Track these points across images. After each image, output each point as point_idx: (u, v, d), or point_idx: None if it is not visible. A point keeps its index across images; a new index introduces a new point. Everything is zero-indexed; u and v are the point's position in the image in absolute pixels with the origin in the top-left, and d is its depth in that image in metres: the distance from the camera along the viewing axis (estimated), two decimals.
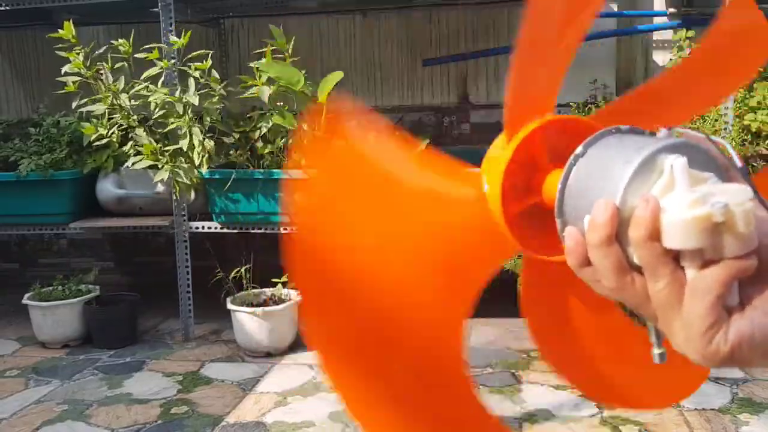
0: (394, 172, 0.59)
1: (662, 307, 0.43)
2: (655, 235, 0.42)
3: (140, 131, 3.34)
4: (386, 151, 0.60)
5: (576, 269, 0.47)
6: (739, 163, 0.44)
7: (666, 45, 3.89)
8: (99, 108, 3.38)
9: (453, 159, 0.59)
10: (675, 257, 0.42)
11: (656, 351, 0.48)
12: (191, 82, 3.29)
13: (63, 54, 3.35)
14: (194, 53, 3.32)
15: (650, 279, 0.43)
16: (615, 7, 3.89)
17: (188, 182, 3.28)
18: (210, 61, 3.31)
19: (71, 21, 3.35)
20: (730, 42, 0.63)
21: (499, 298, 0.71)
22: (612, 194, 0.44)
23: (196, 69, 3.31)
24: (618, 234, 0.43)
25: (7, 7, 3.56)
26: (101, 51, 3.40)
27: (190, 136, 3.24)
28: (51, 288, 3.60)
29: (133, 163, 3.33)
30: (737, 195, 0.40)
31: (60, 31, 3.32)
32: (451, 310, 0.60)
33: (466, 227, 0.57)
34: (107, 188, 3.61)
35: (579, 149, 0.48)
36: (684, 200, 0.41)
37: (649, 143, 0.44)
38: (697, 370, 0.71)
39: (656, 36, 3.91)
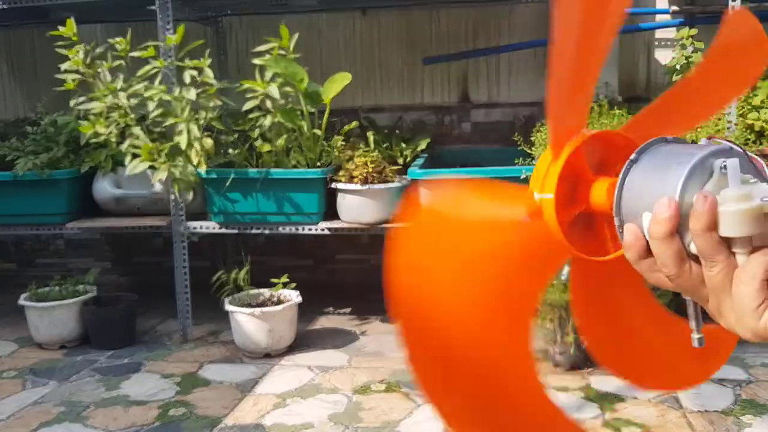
0: (463, 217, 0.68)
1: (716, 290, 0.49)
2: (712, 226, 0.48)
3: (137, 130, 3.31)
4: (456, 200, 0.69)
5: (634, 262, 0.53)
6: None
7: (668, 43, 3.86)
8: (97, 106, 3.35)
9: (503, 182, 0.66)
10: (728, 245, 0.49)
11: (695, 336, 0.56)
12: (187, 76, 3.26)
13: (63, 51, 3.33)
14: (190, 45, 3.30)
15: (707, 265, 0.49)
16: None
17: (186, 180, 3.26)
18: (208, 60, 3.29)
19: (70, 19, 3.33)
20: (731, 53, 0.70)
21: None
22: (670, 193, 0.50)
23: (193, 67, 3.29)
24: (677, 227, 0.50)
25: (5, 6, 3.53)
26: (101, 50, 3.38)
27: (188, 133, 3.21)
28: (48, 288, 3.58)
29: (131, 168, 3.30)
30: None
31: (61, 28, 3.30)
32: (519, 325, 0.68)
33: (523, 242, 0.65)
34: (105, 188, 3.59)
35: (633, 156, 0.55)
36: (736, 195, 0.48)
37: (699, 149, 0.51)
38: (725, 348, 0.79)
39: (659, 34, 3.89)
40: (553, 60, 0.59)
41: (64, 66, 3.36)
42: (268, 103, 3.27)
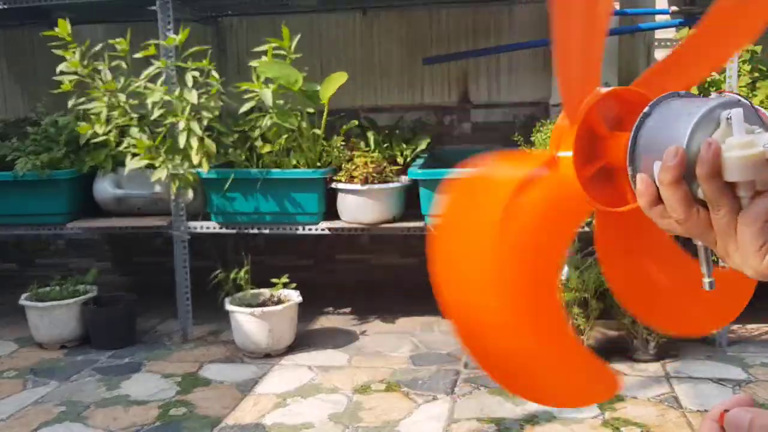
0: (491, 182, 0.72)
1: (722, 233, 0.53)
2: (716, 171, 0.51)
3: (135, 131, 3.31)
4: (484, 172, 0.73)
5: (646, 209, 0.57)
6: None
7: (668, 43, 3.86)
8: (96, 106, 3.36)
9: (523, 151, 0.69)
10: (733, 190, 0.52)
11: (706, 280, 0.60)
12: (189, 78, 3.27)
13: (59, 52, 3.33)
14: (192, 49, 3.30)
15: (713, 209, 0.53)
16: (617, 6, 3.87)
17: (185, 179, 3.26)
18: (211, 64, 3.29)
19: (68, 19, 3.33)
20: (736, 4, 0.71)
21: None
22: (679, 142, 0.53)
23: (194, 68, 3.29)
24: (685, 174, 0.53)
25: (5, 6, 3.54)
26: (97, 48, 3.38)
27: (188, 133, 3.21)
28: (48, 288, 3.58)
29: (130, 164, 3.31)
30: None
31: (56, 29, 3.30)
32: (547, 277, 0.73)
33: (547, 199, 0.68)
34: (105, 188, 3.59)
35: (646, 109, 0.58)
36: (739, 142, 0.51)
37: (707, 101, 0.54)
38: (742, 292, 0.84)
39: (658, 34, 3.89)
40: (556, 23, 0.62)
41: (60, 67, 3.36)
42: (267, 103, 3.27)
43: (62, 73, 3.36)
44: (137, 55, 3.34)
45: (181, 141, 3.22)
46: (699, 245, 0.58)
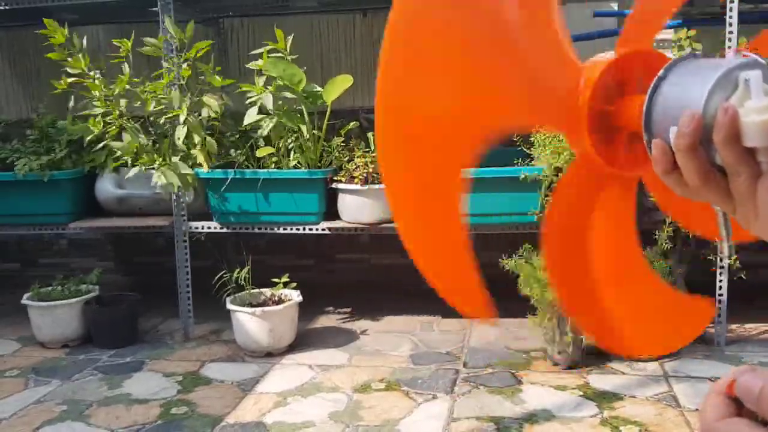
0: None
1: (742, 199, 0.51)
2: (734, 136, 0.49)
3: (127, 136, 3.32)
4: None
5: (662, 175, 0.55)
6: None
7: (666, 44, 3.88)
8: (95, 108, 3.38)
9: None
10: (752, 155, 0.49)
11: (725, 244, 0.58)
12: (186, 70, 3.29)
13: (53, 54, 3.34)
14: (195, 45, 3.31)
15: (732, 174, 0.50)
16: (615, 7, 3.89)
17: (185, 179, 3.27)
18: (211, 66, 3.31)
19: (68, 20, 3.35)
20: None
21: (499, 298, 0.73)
22: (695, 106, 0.51)
23: (198, 67, 3.31)
24: (702, 139, 0.51)
25: (7, 7, 3.55)
26: (87, 49, 3.39)
27: (189, 131, 3.23)
28: (50, 288, 3.60)
29: (130, 168, 3.32)
30: None
31: (56, 29, 3.31)
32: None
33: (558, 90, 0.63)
34: (107, 188, 3.61)
35: (661, 72, 0.56)
36: (758, 106, 0.48)
37: (724, 63, 0.52)
38: (697, 319, 0.79)
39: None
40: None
41: (61, 69, 3.38)
42: (268, 106, 3.28)
43: (66, 74, 3.38)
44: (143, 50, 3.33)
45: (181, 136, 3.23)
46: (717, 210, 0.56)
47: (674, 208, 0.77)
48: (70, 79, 3.36)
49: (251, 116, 3.29)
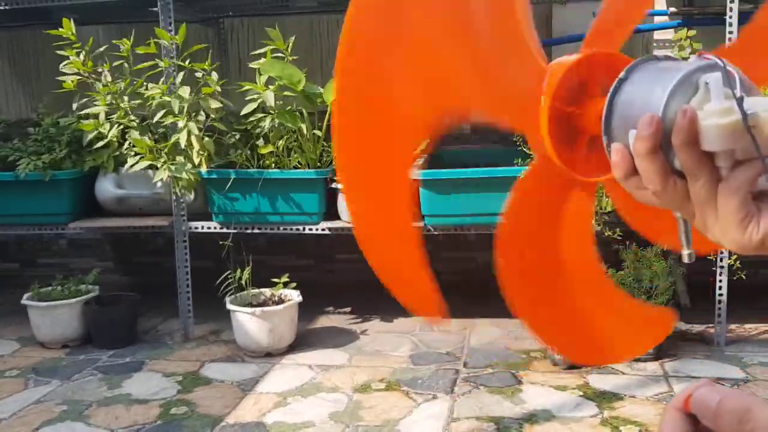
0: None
1: (701, 204, 0.50)
2: (693, 140, 0.48)
3: (135, 133, 3.33)
4: None
5: (622, 180, 0.53)
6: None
7: (667, 44, 3.88)
8: (97, 109, 3.38)
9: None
10: (711, 159, 0.48)
11: (685, 252, 0.56)
12: (184, 74, 3.29)
13: (62, 53, 3.35)
14: (192, 48, 3.32)
15: (691, 179, 0.49)
16: None
17: (187, 178, 3.27)
18: (210, 65, 3.31)
19: (71, 20, 3.34)
20: None
21: (499, 298, 0.73)
22: (655, 109, 0.50)
23: (195, 68, 3.31)
24: (661, 143, 0.50)
25: (7, 7, 3.55)
26: (101, 50, 3.39)
27: (188, 132, 3.23)
28: (50, 288, 3.60)
29: (131, 165, 3.32)
30: (763, 105, 0.47)
31: (60, 29, 3.32)
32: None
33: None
34: (107, 188, 3.61)
35: (622, 74, 0.55)
36: (718, 109, 0.47)
37: (685, 65, 0.51)
38: (659, 326, 0.78)
39: (657, 35, 3.91)
40: None
41: (62, 66, 3.38)
42: (269, 104, 3.28)
43: (65, 74, 3.38)
44: (139, 50, 3.34)
45: (181, 140, 3.24)
46: (677, 216, 0.55)
47: (634, 216, 0.75)
48: (77, 78, 3.36)
49: (249, 108, 3.29)
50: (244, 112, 3.32)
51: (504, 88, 0.63)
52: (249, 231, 3.51)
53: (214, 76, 3.32)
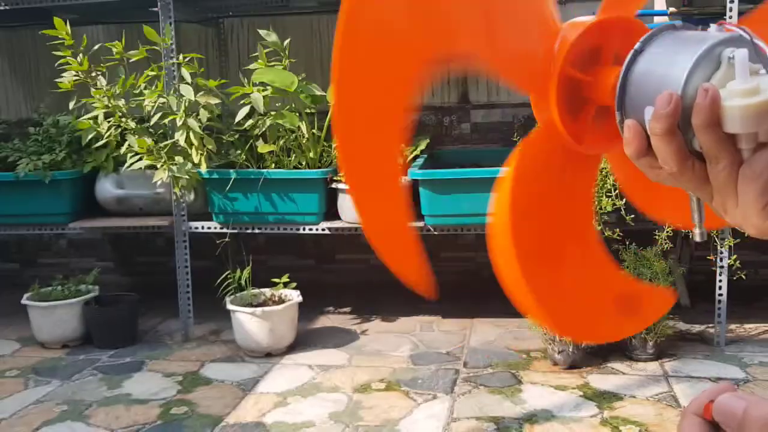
0: None
1: (721, 188, 0.47)
2: (715, 121, 0.45)
3: (132, 138, 3.32)
4: None
5: (634, 158, 0.50)
6: None
7: None
8: (95, 111, 3.38)
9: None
10: (733, 142, 0.45)
11: (697, 231, 0.54)
12: (185, 74, 3.28)
13: (57, 53, 3.35)
14: (187, 55, 3.32)
15: (711, 162, 0.47)
16: None
17: (187, 178, 3.27)
18: (203, 66, 3.31)
19: (68, 20, 3.34)
20: None
21: (499, 298, 0.72)
22: (674, 86, 0.47)
23: (189, 71, 3.31)
24: (680, 123, 0.47)
25: (7, 7, 3.55)
26: (95, 48, 3.39)
27: (187, 131, 3.23)
28: (50, 288, 3.60)
29: (130, 164, 3.33)
30: None
31: (62, 28, 3.31)
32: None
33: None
34: (107, 188, 3.61)
35: (637, 45, 0.51)
36: (742, 89, 0.44)
37: (708, 37, 0.47)
38: (656, 306, 0.76)
39: None
40: None
41: (57, 65, 3.38)
42: (258, 107, 3.28)
43: (62, 75, 3.37)
44: (131, 53, 3.34)
45: (180, 139, 3.23)
46: (691, 194, 0.52)
47: (636, 192, 0.72)
48: (74, 79, 3.36)
49: (242, 113, 3.30)
50: (238, 118, 3.32)
51: (512, 42, 0.59)
52: (249, 231, 3.51)
53: (210, 79, 3.32)
